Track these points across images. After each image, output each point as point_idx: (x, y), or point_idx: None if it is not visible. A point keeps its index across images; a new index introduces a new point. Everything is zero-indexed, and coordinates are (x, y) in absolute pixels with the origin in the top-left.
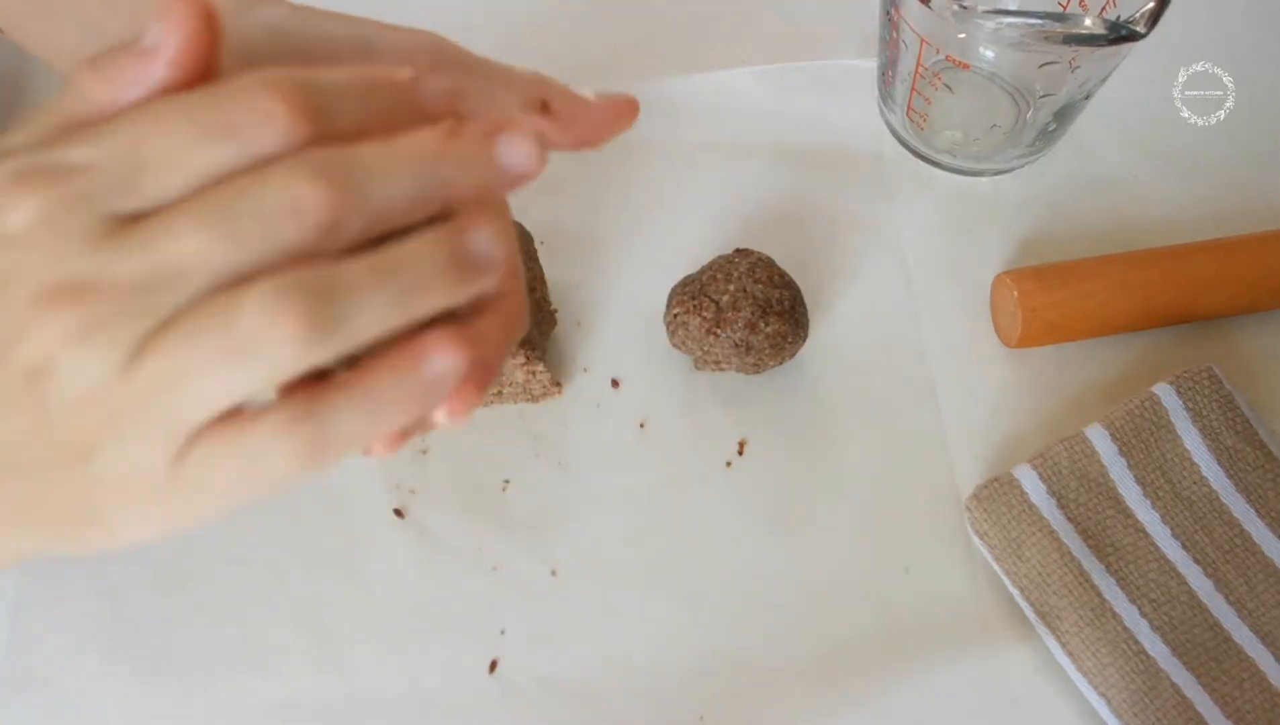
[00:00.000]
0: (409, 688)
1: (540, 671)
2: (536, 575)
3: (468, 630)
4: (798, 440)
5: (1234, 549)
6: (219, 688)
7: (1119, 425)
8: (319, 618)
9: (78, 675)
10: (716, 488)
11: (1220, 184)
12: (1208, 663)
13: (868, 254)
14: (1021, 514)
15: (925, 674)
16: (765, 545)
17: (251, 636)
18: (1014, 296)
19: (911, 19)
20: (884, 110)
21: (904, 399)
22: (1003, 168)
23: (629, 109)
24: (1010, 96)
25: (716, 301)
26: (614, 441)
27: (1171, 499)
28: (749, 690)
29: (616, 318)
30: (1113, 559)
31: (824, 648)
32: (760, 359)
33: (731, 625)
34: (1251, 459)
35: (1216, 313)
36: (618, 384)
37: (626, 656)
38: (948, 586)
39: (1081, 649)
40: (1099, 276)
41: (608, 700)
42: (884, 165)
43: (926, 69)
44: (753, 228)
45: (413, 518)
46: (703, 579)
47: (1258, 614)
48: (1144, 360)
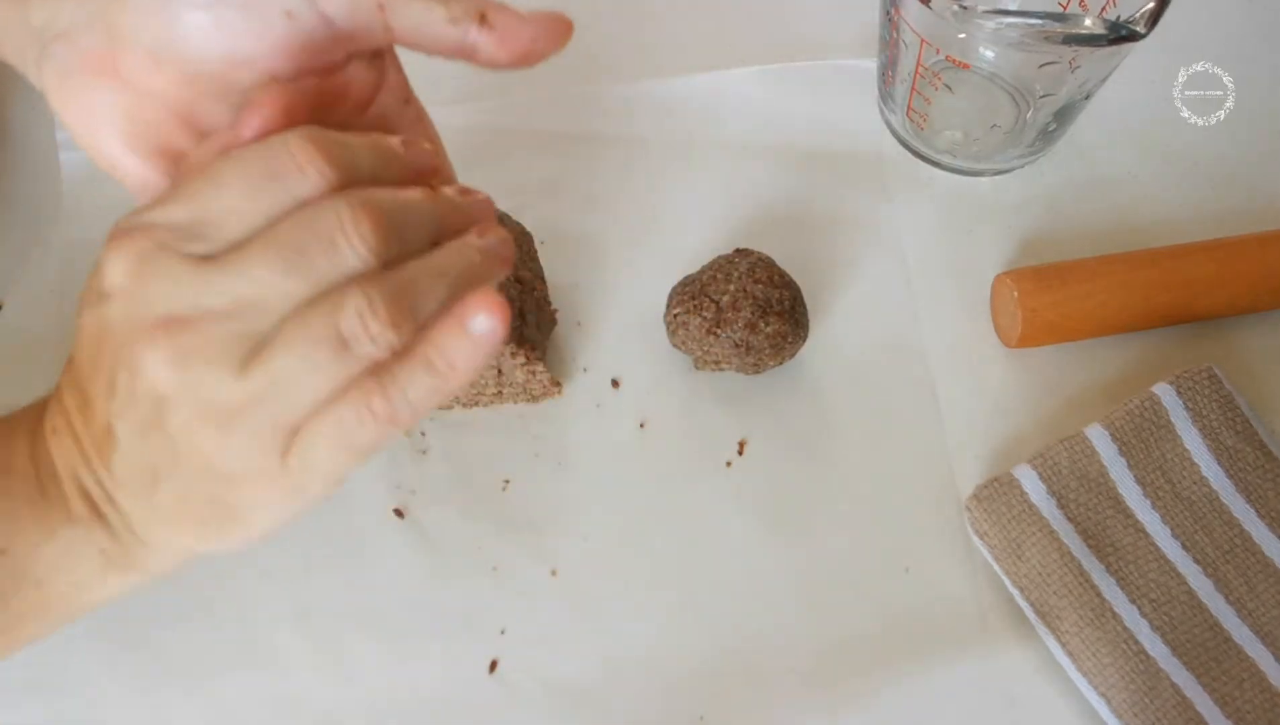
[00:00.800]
0: (409, 688)
1: (540, 671)
2: (536, 575)
3: (468, 630)
4: (798, 440)
5: (1234, 549)
6: (219, 688)
7: (1119, 425)
8: (319, 618)
9: (77, 676)
10: (716, 488)
11: (1220, 184)
12: (1208, 663)
13: (868, 254)
14: (1021, 514)
15: (925, 674)
16: (765, 545)
17: (251, 636)
18: (1014, 296)
19: (911, 19)
20: (884, 110)
21: (904, 399)
22: (1003, 168)
23: (564, 26)
24: (1010, 96)
25: (716, 301)
26: (614, 441)
27: (1171, 499)
28: (749, 690)
29: (616, 318)
30: (1113, 559)
31: (824, 648)
32: (760, 359)
33: (731, 625)
34: (1251, 459)
35: (1216, 313)
36: (618, 384)
37: (626, 656)
38: (948, 586)
39: (1081, 649)
40: (1099, 276)
41: (608, 700)
42: (884, 165)
43: (926, 69)
44: (753, 228)
45: (413, 518)
46: (703, 579)
47: (1258, 614)
48: (1144, 360)
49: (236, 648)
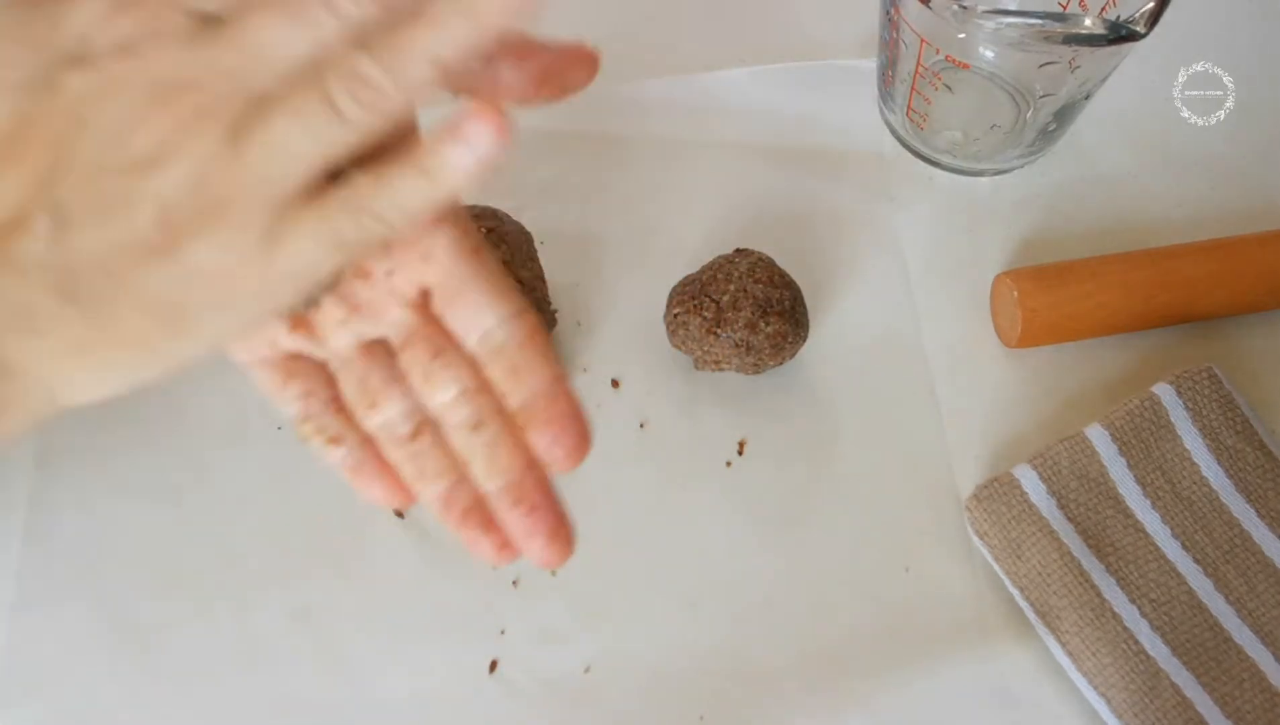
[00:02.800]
0: (409, 688)
1: (540, 671)
2: (536, 575)
3: (468, 630)
4: (798, 440)
5: (1234, 549)
6: (219, 687)
7: (1119, 425)
8: (319, 618)
9: (77, 677)
10: (716, 488)
11: (1220, 184)
12: (1208, 663)
13: (868, 254)
14: (1021, 514)
15: (925, 674)
16: (765, 545)
17: (251, 637)
18: (1014, 296)
19: (911, 19)
20: (884, 110)
21: (904, 399)
22: (1003, 168)
23: (590, 59)
24: (1010, 96)
25: (717, 301)
26: (614, 441)
27: (1171, 499)
28: (749, 690)
29: (616, 318)
30: (1113, 559)
31: (824, 648)
32: (760, 359)
33: (731, 625)
34: (1251, 459)
35: (1216, 313)
36: (618, 384)
37: (626, 657)
38: (948, 586)
39: (1081, 649)
40: (1099, 276)
41: (608, 700)
42: (884, 165)
43: (926, 69)
44: (753, 228)
45: (413, 518)
46: (703, 578)
47: (1258, 614)
48: (1144, 360)
49: (236, 648)
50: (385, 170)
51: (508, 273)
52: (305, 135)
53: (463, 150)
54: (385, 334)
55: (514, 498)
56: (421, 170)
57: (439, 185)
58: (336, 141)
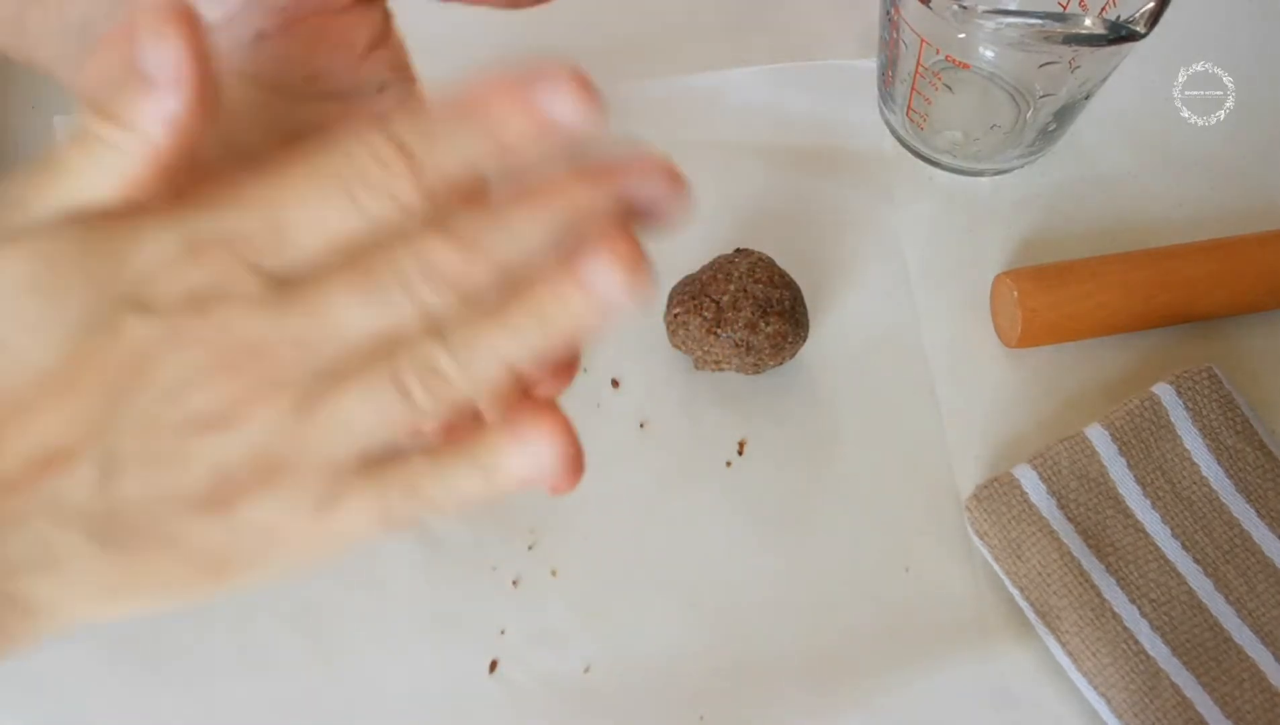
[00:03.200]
0: (409, 688)
1: (540, 671)
2: (536, 575)
3: (468, 630)
4: (798, 440)
5: (1234, 549)
6: (218, 688)
7: (1119, 425)
8: (319, 618)
9: (77, 676)
10: (716, 488)
11: (1220, 184)
12: (1208, 663)
13: (868, 254)
14: (1021, 514)
15: (925, 674)
16: (765, 545)
17: (251, 637)
18: (1014, 296)
19: (911, 19)
20: (884, 110)
21: (904, 399)
22: (1003, 168)
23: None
24: (1010, 96)
25: (717, 301)
26: (614, 441)
27: (1171, 499)
28: (749, 690)
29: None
30: (1113, 559)
31: (824, 648)
32: (760, 359)
33: (731, 625)
34: (1251, 459)
35: (1216, 313)
36: (618, 384)
37: (626, 657)
38: (948, 586)
39: (1081, 649)
40: (1099, 276)
41: (608, 700)
42: (884, 165)
43: (926, 69)
44: (753, 228)
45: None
46: (703, 578)
47: (1258, 614)
48: (1144, 360)
49: (236, 648)
50: (443, 458)
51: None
52: (373, 414)
53: (520, 460)
54: None
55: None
56: (478, 466)
57: (493, 485)
58: (402, 423)
